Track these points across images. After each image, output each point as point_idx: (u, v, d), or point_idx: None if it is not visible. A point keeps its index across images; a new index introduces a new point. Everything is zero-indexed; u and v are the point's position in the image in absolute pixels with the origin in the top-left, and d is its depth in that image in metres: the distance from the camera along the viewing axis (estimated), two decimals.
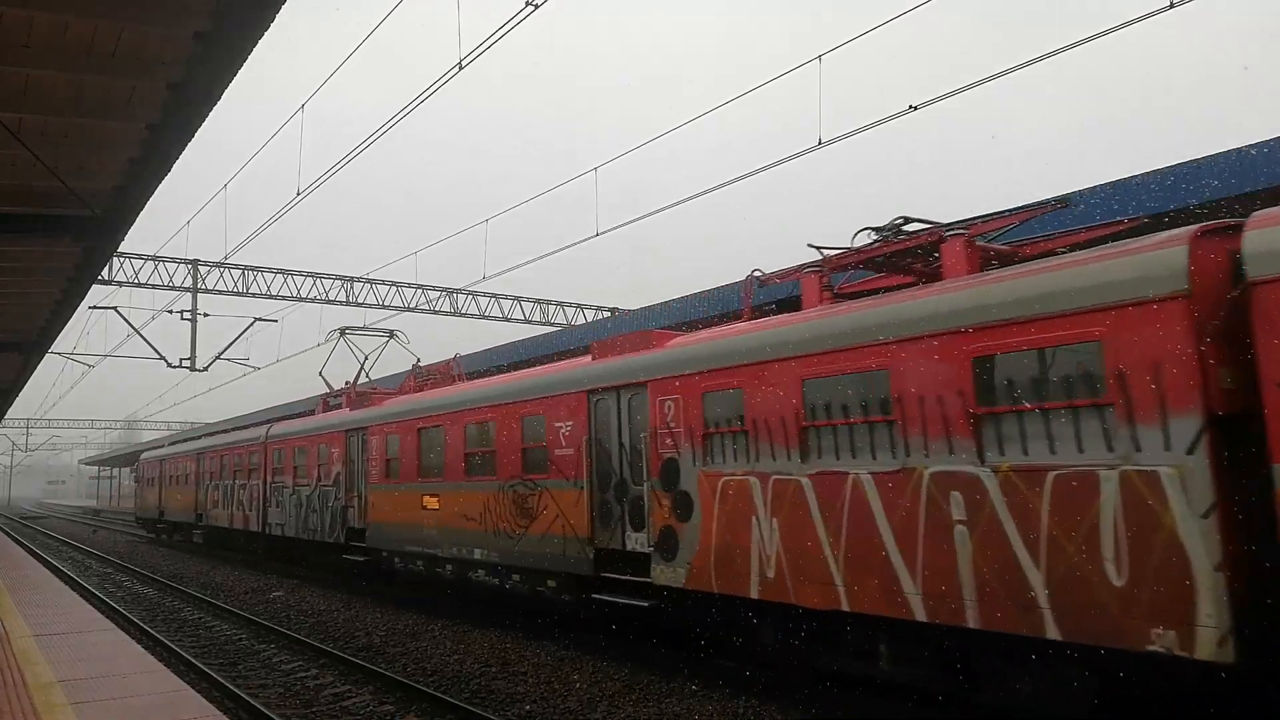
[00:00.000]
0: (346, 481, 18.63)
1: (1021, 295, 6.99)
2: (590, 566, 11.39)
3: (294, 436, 22.01)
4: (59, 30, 6.86)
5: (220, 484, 27.44)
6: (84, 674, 8.29)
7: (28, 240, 11.32)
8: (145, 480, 38.34)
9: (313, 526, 20.22)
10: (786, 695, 9.31)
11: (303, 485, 21.00)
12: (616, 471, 11.23)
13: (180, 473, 32.35)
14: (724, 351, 9.65)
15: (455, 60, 11.36)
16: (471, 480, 14.10)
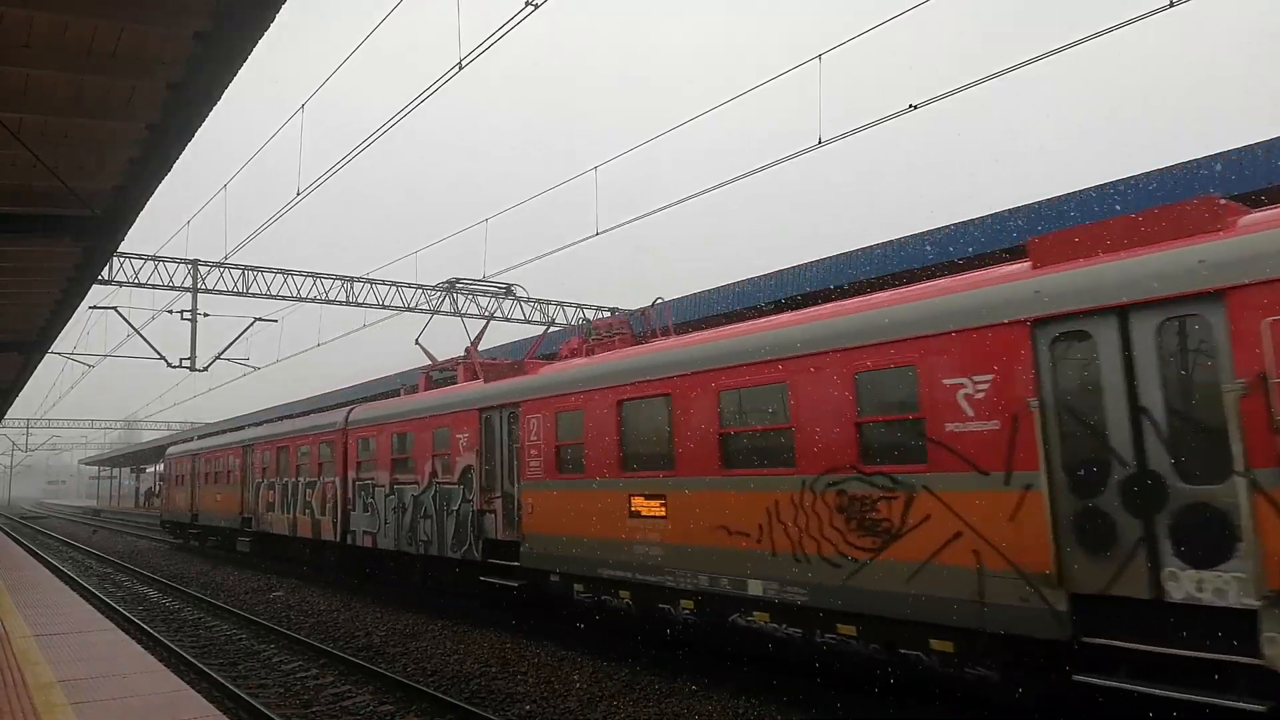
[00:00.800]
0: (483, 478, 14.10)
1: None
2: (1057, 624, 6.88)
3: (391, 420, 17.29)
4: (59, 30, 6.86)
5: (277, 482, 22.89)
6: (84, 674, 8.29)
7: (28, 240, 11.31)
8: (174, 478, 33.35)
9: (425, 537, 15.50)
10: (786, 695, 9.30)
11: (406, 483, 16.34)
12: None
13: (220, 469, 27.69)
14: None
15: (455, 60, 11.36)
16: (736, 474, 9.64)
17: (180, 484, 32.39)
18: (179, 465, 32.85)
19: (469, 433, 14.51)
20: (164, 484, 35.31)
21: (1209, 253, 6.33)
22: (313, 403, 40.15)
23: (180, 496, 32.48)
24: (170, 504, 34.43)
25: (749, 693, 9.49)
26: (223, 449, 27.72)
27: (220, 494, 27.58)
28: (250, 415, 46.44)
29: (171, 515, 34.16)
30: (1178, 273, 6.41)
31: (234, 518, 25.89)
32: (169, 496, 34.55)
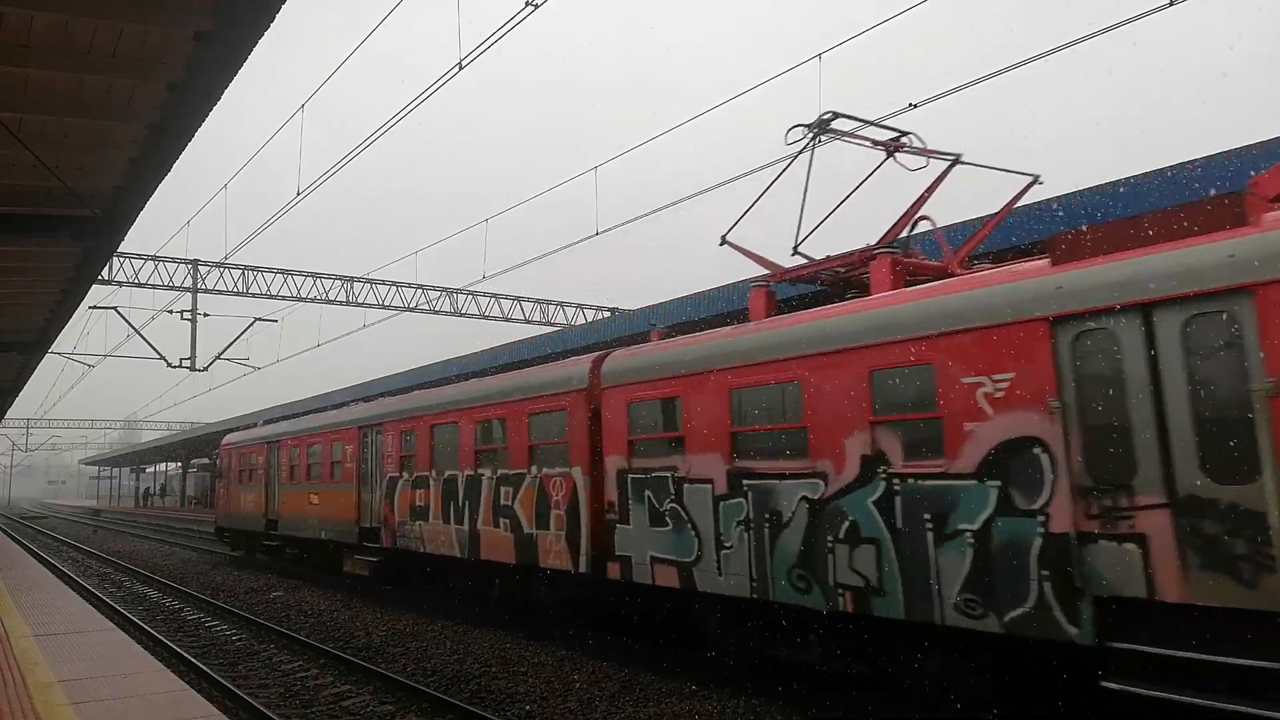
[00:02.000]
0: (1075, 465, 6.84)
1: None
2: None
3: (741, 363, 9.57)
4: (59, 30, 6.87)
5: (434, 477, 15.26)
6: (84, 674, 8.29)
7: (28, 240, 11.32)
8: (237, 473, 25.85)
9: (853, 578, 8.19)
10: (786, 695, 9.30)
11: (785, 475, 8.95)
12: None
13: (316, 460, 20.52)
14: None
15: (455, 60, 11.36)
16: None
17: (248, 480, 24.80)
18: (246, 456, 25.17)
19: (1024, 370, 7.04)
20: (221, 481, 27.80)
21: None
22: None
23: (248, 497, 24.63)
24: (232, 506, 26.10)
25: (749, 693, 9.49)
26: (323, 432, 20.31)
27: (319, 494, 20.23)
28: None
29: (234, 521, 25.82)
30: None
31: (343, 527, 18.64)
32: (229, 497, 26.59)
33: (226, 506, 26.82)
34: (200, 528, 48.64)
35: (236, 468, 25.81)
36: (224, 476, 27.37)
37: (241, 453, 25.58)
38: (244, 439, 25.77)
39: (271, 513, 22.85)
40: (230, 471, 26.49)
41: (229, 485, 26.69)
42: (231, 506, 26.14)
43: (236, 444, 26.14)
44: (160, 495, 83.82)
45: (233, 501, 26.07)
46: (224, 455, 27.37)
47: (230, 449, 26.68)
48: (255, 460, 24.16)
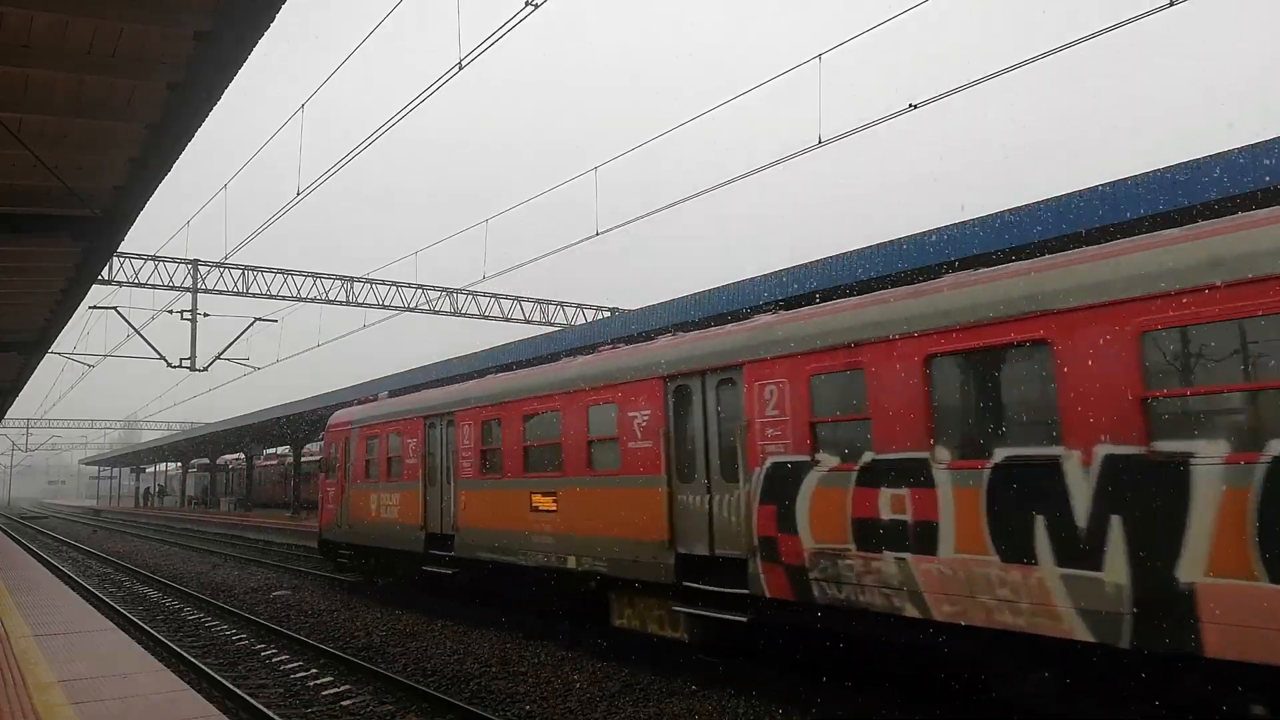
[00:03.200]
0: None
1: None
2: None
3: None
4: (59, 30, 6.86)
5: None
6: (84, 674, 8.29)
7: (28, 240, 11.32)
8: (361, 465, 18.27)
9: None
10: (786, 695, 9.30)
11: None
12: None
13: (551, 435, 12.54)
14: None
15: (455, 60, 11.37)
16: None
17: (386, 475, 17.14)
18: (382, 440, 17.42)
19: None
20: (330, 477, 19.77)
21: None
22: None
23: (388, 501, 16.99)
24: (355, 513, 18.28)
25: (749, 693, 9.49)
26: (568, 392, 12.19)
27: (572, 496, 11.97)
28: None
29: (359, 535, 18.15)
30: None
31: (643, 553, 10.69)
32: (348, 500, 18.64)
33: (343, 513, 18.77)
34: (200, 528, 48.62)
35: (362, 457, 18.11)
36: (334, 470, 19.46)
37: (372, 434, 17.74)
38: (376, 414, 17.88)
39: (442, 523, 15.02)
40: (349, 463, 18.58)
41: (345, 483, 18.77)
42: (354, 514, 18.23)
43: (361, 422, 18.28)
44: (159, 495, 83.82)
45: (356, 507, 18.14)
46: (335, 440, 19.55)
47: (346, 430, 18.90)
48: (403, 444, 16.45)
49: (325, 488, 20.22)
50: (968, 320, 7.47)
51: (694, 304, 16.90)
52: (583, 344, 19.61)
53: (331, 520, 19.60)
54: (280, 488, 59.08)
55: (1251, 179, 9.46)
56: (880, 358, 8.08)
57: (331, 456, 19.94)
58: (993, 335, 7.31)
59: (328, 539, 20.02)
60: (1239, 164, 9.59)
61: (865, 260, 13.51)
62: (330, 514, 19.69)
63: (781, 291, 15.18)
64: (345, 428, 19.19)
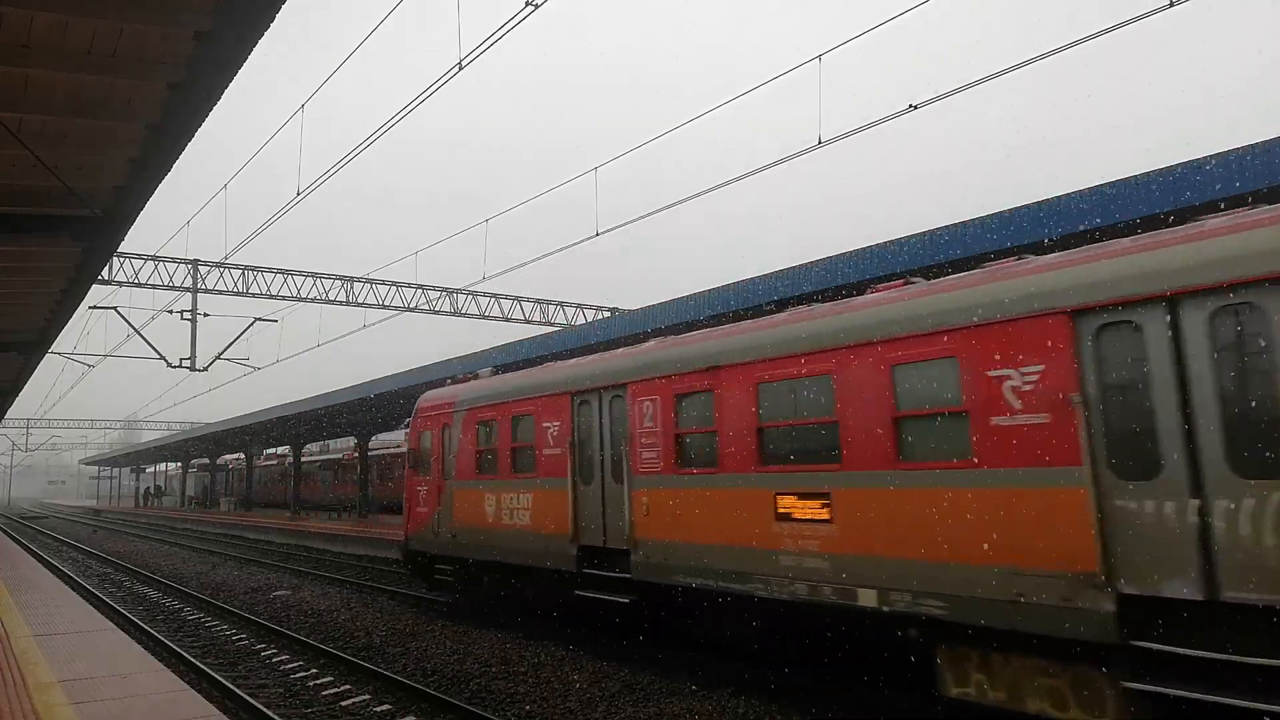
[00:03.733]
0: None
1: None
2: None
3: None
4: (59, 30, 6.87)
5: None
6: (84, 674, 8.29)
7: (28, 240, 11.32)
8: (469, 456, 14.81)
9: None
10: (787, 695, 9.30)
11: None
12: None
13: (793, 409, 9.25)
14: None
15: (455, 60, 11.36)
16: None
17: (500, 468, 13.90)
18: (501, 424, 14.02)
19: None
20: (420, 472, 16.28)
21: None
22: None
23: (511, 503, 13.62)
24: (457, 516, 14.92)
25: (749, 693, 9.49)
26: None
27: (912, 503, 7.93)
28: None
29: (463, 546, 14.72)
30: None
31: (1062, 586, 6.72)
32: (444, 502, 15.32)
33: (440, 518, 15.26)
34: (200, 528, 48.63)
35: (470, 446, 14.57)
36: (425, 465, 15.89)
37: (485, 417, 14.23)
38: (492, 391, 14.22)
39: (606, 533, 11.63)
40: (449, 455, 15.14)
41: (444, 480, 15.24)
42: (458, 519, 14.74)
43: (469, 403, 14.69)
44: (158, 495, 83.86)
45: (461, 510, 14.66)
46: (427, 426, 15.89)
47: (444, 413, 15.34)
48: (537, 430, 12.93)
49: (413, 486, 16.40)
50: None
51: (694, 304, 16.80)
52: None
53: (423, 526, 15.77)
54: (280, 488, 59.08)
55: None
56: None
57: (422, 447, 15.99)
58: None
59: (416, 549, 16.10)
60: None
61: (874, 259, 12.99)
62: (421, 518, 15.91)
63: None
64: (443, 410, 15.40)
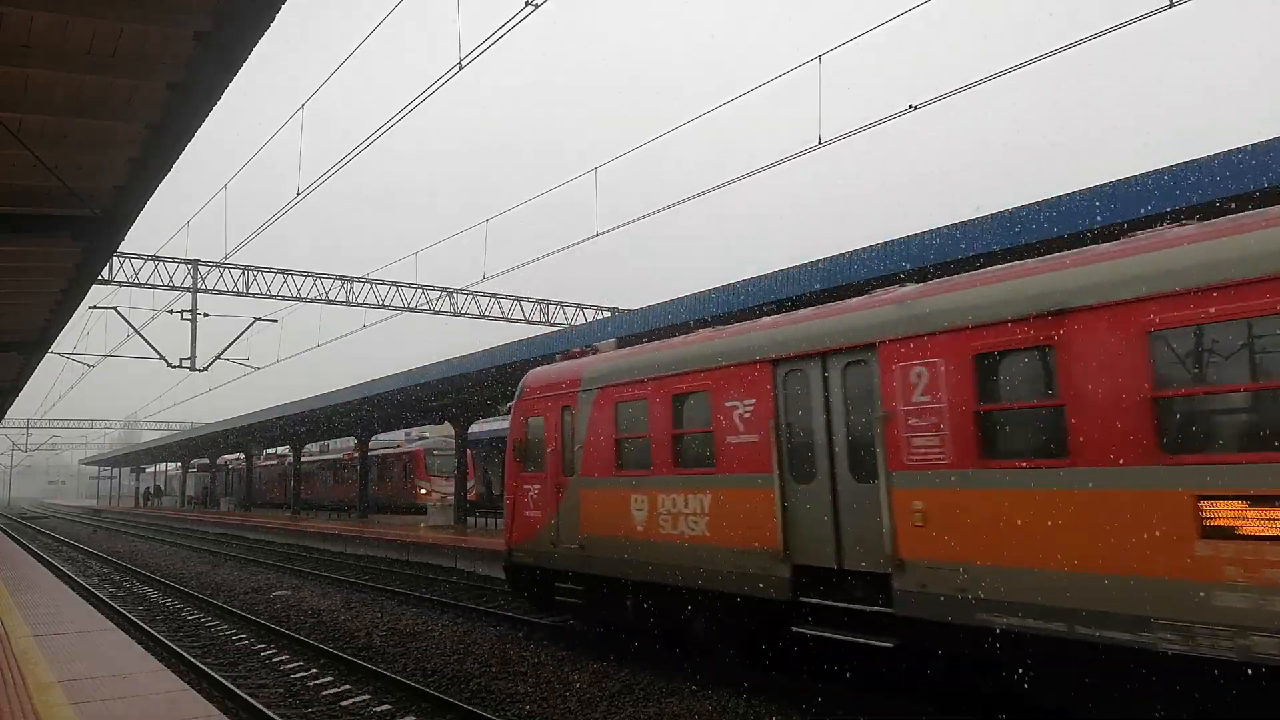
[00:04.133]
0: None
1: None
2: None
3: None
4: (59, 30, 6.87)
5: None
6: (84, 674, 8.29)
7: (28, 240, 11.33)
8: (609, 449, 11.61)
9: None
10: (787, 695, 9.30)
11: None
12: None
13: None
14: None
15: (455, 60, 11.36)
16: None
17: (658, 465, 10.89)
18: (635, 407, 11.36)
19: None
20: (527, 466, 13.24)
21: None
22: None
23: (658, 509, 10.79)
24: (586, 525, 11.96)
25: (749, 693, 9.49)
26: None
27: None
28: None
29: (592, 558, 11.81)
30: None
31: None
32: (567, 504, 12.37)
33: (559, 524, 12.34)
34: (200, 528, 48.63)
35: (607, 434, 11.68)
36: (536, 458, 12.93)
37: (630, 396, 11.42)
38: (640, 364, 11.41)
39: (840, 549, 8.79)
40: (574, 445, 12.25)
41: (564, 476, 12.36)
42: (589, 525, 11.84)
43: (604, 379, 11.88)
44: (158, 496, 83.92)
45: (594, 514, 11.79)
46: (539, 411, 12.94)
47: (566, 394, 12.49)
48: (716, 411, 10.16)
49: (518, 484, 13.22)
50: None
51: (695, 304, 16.78)
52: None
53: (534, 534, 12.76)
54: (280, 487, 59.12)
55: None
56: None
57: (530, 437, 13.07)
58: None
59: (525, 562, 12.99)
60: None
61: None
62: (530, 525, 12.89)
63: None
64: (562, 391, 12.48)
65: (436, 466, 43.72)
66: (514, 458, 13.41)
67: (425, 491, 42.70)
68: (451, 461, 37.34)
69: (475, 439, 38.74)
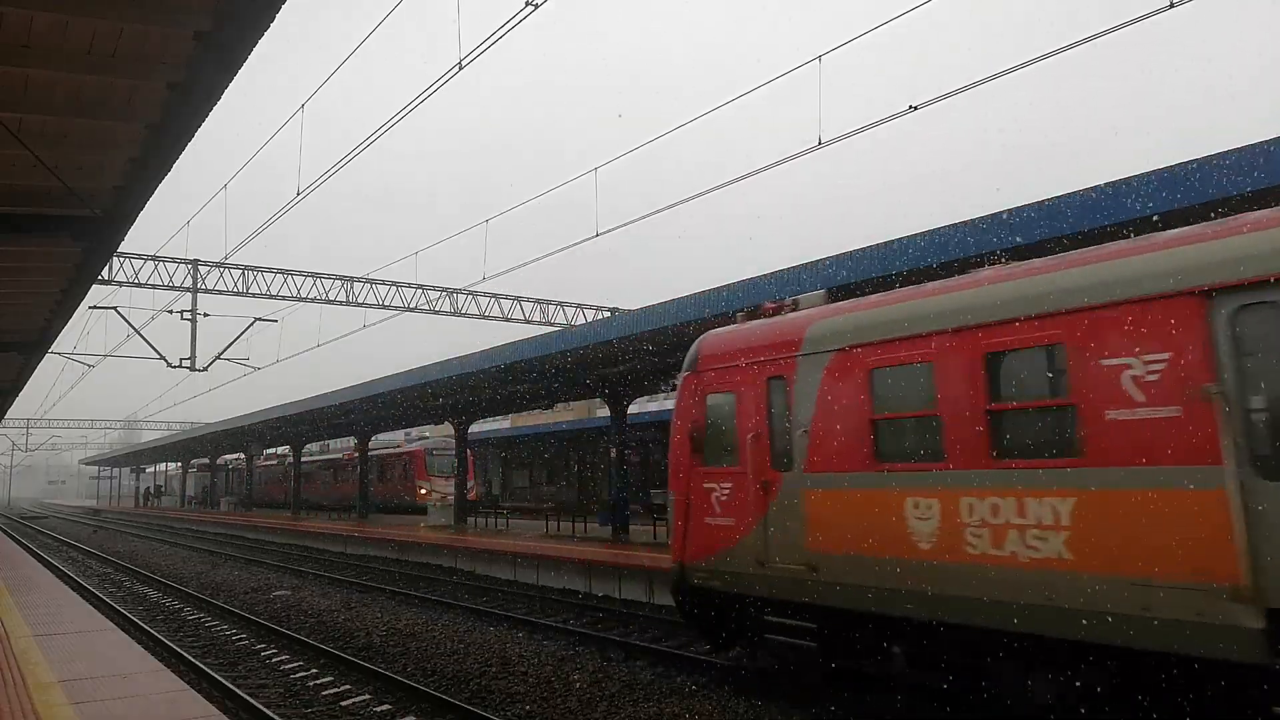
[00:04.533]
0: None
1: None
2: None
3: None
4: (59, 30, 6.87)
5: None
6: (84, 674, 8.29)
7: (28, 240, 11.33)
8: (855, 433, 8.35)
9: None
10: (787, 695, 9.30)
11: None
12: None
13: None
14: None
15: (455, 60, 11.37)
16: None
17: (952, 455, 7.58)
18: (901, 375, 8.12)
19: None
20: (711, 459, 9.97)
21: None
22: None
23: (947, 517, 7.54)
24: (814, 538, 8.59)
25: (749, 693, 9.49)
26: None
27: None
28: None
29: (825, 585, 8.46)
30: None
31: None
32: (780, 509, 8.97)
33: (766, 535, 9.18)
34: (200, 528, 48.62)
35: (848, 415, 8.56)
36: (715, 448, 10.05)
37: (891, 359, 8.27)
38: (899, 316, 8.32)
39: None
40: (791, 429, 9.06)
41: (764, 470, 9.30)
42: (818, 537, 8.68)
43: (836, 339, 8.82)
44: (158, 495, 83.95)
45: (828, 522, 8.64)
46: (730, 386, 9.91)
47: (765, 359, 9.51)
48: (1060, 373, 7.07)
49: (694, 480, 10.09)
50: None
51: (695, 304, 16.71)
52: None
53: (725, 548, 9.63)
54: (280, 487, 59.13)
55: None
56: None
57: (712, 420, 10.08)
58: None
59: (707, 584, 9.87)
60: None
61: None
62: (718, 535, 9.73)
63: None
64: (769, 358, 9.43)
65: (436, 466, 43.78)
66: (687, 448, 10.12)
67: (425, 491, 42.76)
68: (451, 461, 37.36)
69: (472, 438, 38.60)
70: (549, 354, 20.92)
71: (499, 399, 30.25)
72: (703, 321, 15.33)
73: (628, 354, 20.49)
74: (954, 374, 7.67)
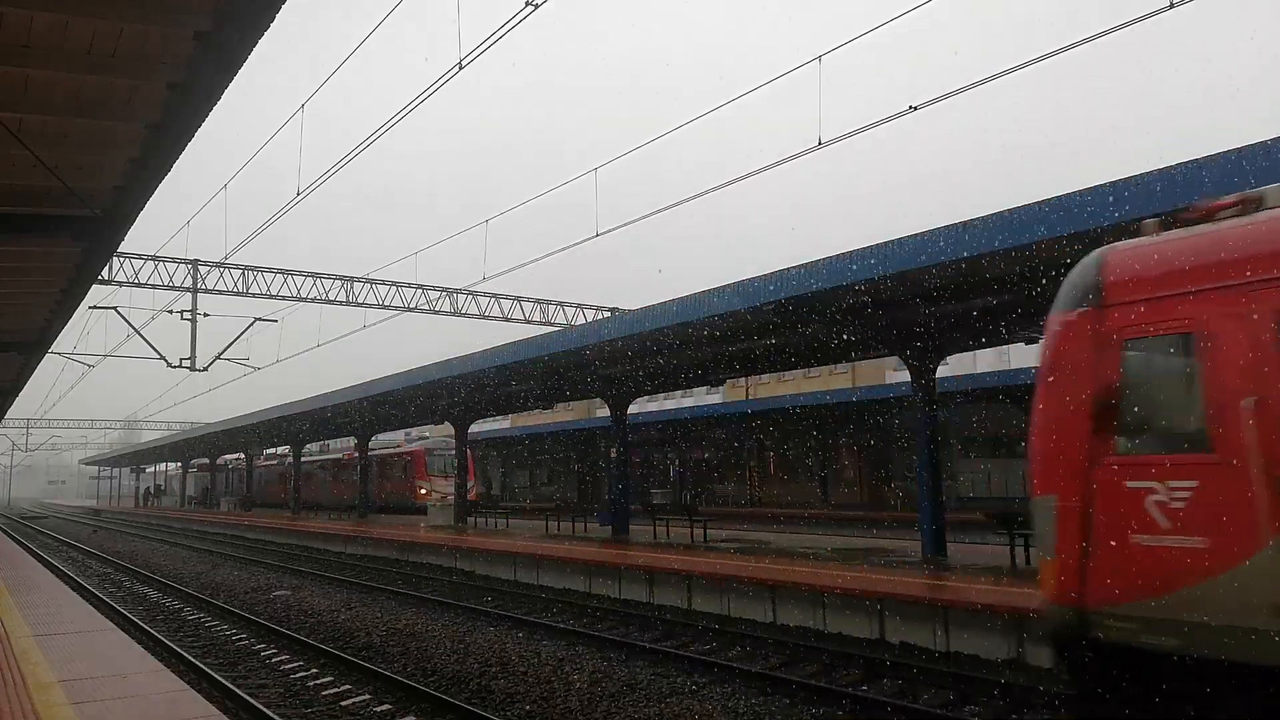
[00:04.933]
0: None
1: None
2: None
3: None
4: (59, 30, 6.87)
5: None
6: (84, 674, 8.29)
7: (28, 240, 11.33)
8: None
9: None
10: (787, 695, 9.30)
11: None
12: None
13: None
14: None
15: (455, 60, 11.37)
16: None
17: None
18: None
19: None
20: (1117, 435, 5.73)
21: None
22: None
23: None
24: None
25: (749, 693, 9.49)
26: None
27: None
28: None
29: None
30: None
31: None
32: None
33: (1266, 561, 4.79)
34: (200, 528, 48.61)
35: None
36: (1138, 419, 5.80)
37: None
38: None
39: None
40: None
41: (1269, 459, 4.93)
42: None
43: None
44: (158, 495, 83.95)
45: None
46: (1159, 317, 5.65)
47: (1257, 271, 5.16)
48: None
49: (1108, 478, 5.79)
50: None
51: (694, 304, 16.67)
52: None
53: (1171, 585, 5.33)
54: (280, 487, 59.15)
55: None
56: None
57: (1135, 381, 5.89)
58: None
59: (1136, 639, 5.52)
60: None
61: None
62: (1159, 566, 5.41)
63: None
64: (1266, 279, 5.20)
65: (436, 466, 43.79)
66: (1083, 425, 6.00)
67: (425, 491, 42.78)
68: (451, 461, 37.37)
69: (472, 438, 38.58)
70: (549, 354, 20.69)
71: (499, 399, 30.00)
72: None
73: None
74: None
